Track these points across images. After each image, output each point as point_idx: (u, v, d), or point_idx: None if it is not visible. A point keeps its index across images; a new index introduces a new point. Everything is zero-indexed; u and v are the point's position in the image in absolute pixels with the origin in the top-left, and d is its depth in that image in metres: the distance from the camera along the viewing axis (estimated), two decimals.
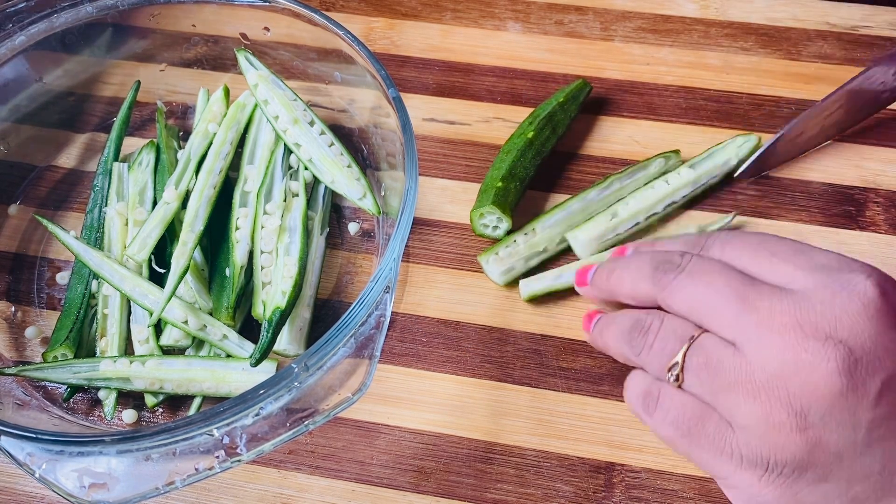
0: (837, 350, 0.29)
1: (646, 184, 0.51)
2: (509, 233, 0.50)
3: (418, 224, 0.52)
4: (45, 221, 0.49)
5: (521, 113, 0.56)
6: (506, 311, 0.48)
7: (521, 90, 0.58)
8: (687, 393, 0.33)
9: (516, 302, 0.48)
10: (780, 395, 0.30)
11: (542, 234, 0.49)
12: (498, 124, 0.56)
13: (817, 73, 0.58)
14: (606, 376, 0.46)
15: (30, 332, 0.48)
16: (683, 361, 0.32)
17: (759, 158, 0.51)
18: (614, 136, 0.55)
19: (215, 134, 0.51)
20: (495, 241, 0.50)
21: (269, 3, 0.49)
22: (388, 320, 0.39)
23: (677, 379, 0.33)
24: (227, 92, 0.53)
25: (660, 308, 0.35)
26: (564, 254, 0.50)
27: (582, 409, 0.45)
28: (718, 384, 0.31)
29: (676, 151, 0.52)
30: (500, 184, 0.49)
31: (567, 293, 0.48)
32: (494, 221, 0.49)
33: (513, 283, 0.49)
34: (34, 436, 0.35)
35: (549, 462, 0.43)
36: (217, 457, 0.36)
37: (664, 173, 0.51)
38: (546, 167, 0.53)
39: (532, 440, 0.44)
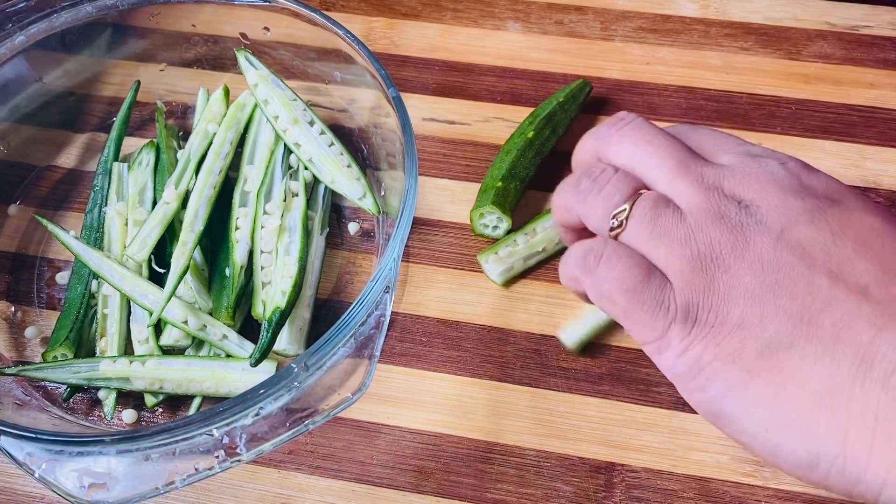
0: (746, 210, 0.33)
1: None
2: (509, 232, 0.49)
3: (418, 224, 0.52)
4: (44, 221, 0.49)
5: (521, 113, 0.56)
6: (506, 311, 0.48)
7: (521, 90, 0.58)
8: (631, 248, 0.35)
9: (516, 302, 0.48)
10: (705, 240, 0.33)
11: (542, 235, 0.49)
12: (498, 124, 0.56)
13: (817, 73, 0.58)
14: (606, 376, 0.46)
15: (29, 332, 0.48)
16: (631, 208, 0.34)
17: None
18: None
19: (215, 134, 0.51)
20: (495, 240, 0.50)
21: (269, 2, 0.49)
22: (388, 320, 0.39)
23: (620, 225, 0.35)
24: (226, 92, 0.53)
25: None
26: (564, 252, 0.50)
27: (582, 409, 0.45)
28: (657, 231, 0.34)
29: None
30: (500, 184, 0.49)
31: (570, 294, 0.48)
32: (494, 221, 0.49)
33: (512, 283, 0.49)
34: (34, 436, 0.35)
35: (549, 462, 0.43)
36: (217, 457, 0.36)
37: None
38: (546, 167, 0.53)
39: (532, 440, 0.44)
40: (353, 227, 0.51)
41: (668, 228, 0.33)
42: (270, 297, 0.44)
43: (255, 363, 0.43)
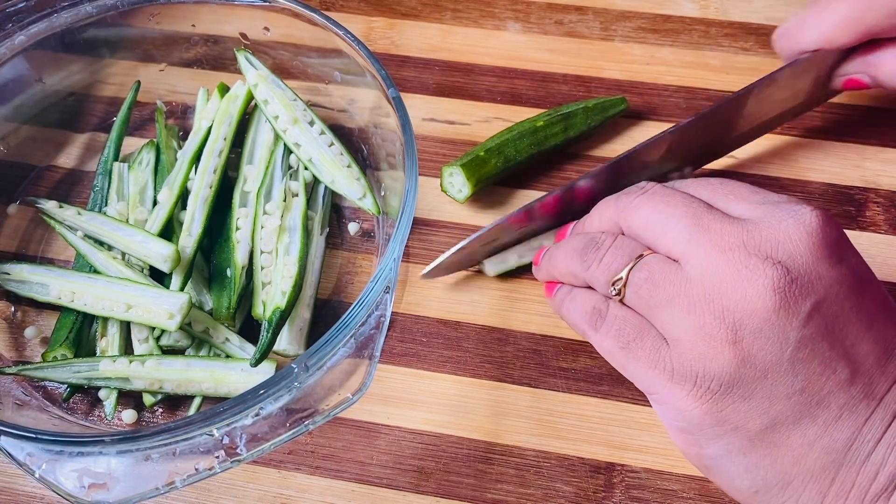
0: (775, 269, 0.31)
1: None
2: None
3: (418, 224, 0.52)
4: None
5: (521, 113, 0.56)
6: (506, 311, 0.48)
7: (521, 90, 0.58)
8: (630, 309, 0.35)
9: (516, 302, 0.48)
10: (715, 309, 0.31)
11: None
12: (498, 124, 0.56)
13: None
14: (606, 376, 0.46)
15: (29, 332, 0.48)
16: (627, 277, 0.35)
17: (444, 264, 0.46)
18: (614, 136, 0.55)
19: (210, 129, 0.50)
20: (456, 201, 0.51)
21: (269, 2, 0.49)
22: (388, 320, 0.39)
23: (619, 293, 0.35)
24: (226, 90, 0.53)
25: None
26: None
27: (582, 409, 0.45)
28: (657, 299, 0.33)
29: None
30: (481, 153, 0.50)
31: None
32: (458, 184, 0.50)
33: (508, 279, 0.49)
34: (34, 436, 0.35)
35: (549, 462, 0.43)
36: (217, 457, 0.36)
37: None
38: (542, 161, 0.53)
39: (532, 440, 0.44)
40: (353, 228, 0.51)
41: (670, 295, 0.33)
42: (270, 297, 0.45)
43: (255, 363, 0.43)
